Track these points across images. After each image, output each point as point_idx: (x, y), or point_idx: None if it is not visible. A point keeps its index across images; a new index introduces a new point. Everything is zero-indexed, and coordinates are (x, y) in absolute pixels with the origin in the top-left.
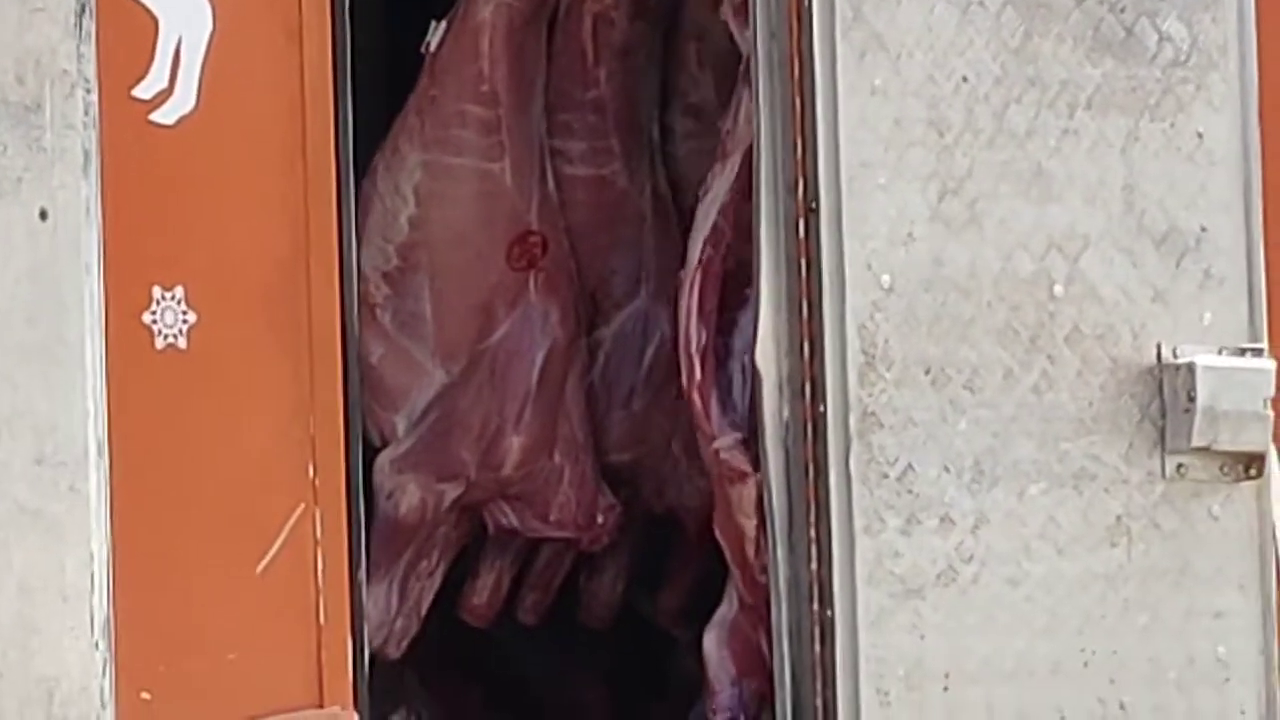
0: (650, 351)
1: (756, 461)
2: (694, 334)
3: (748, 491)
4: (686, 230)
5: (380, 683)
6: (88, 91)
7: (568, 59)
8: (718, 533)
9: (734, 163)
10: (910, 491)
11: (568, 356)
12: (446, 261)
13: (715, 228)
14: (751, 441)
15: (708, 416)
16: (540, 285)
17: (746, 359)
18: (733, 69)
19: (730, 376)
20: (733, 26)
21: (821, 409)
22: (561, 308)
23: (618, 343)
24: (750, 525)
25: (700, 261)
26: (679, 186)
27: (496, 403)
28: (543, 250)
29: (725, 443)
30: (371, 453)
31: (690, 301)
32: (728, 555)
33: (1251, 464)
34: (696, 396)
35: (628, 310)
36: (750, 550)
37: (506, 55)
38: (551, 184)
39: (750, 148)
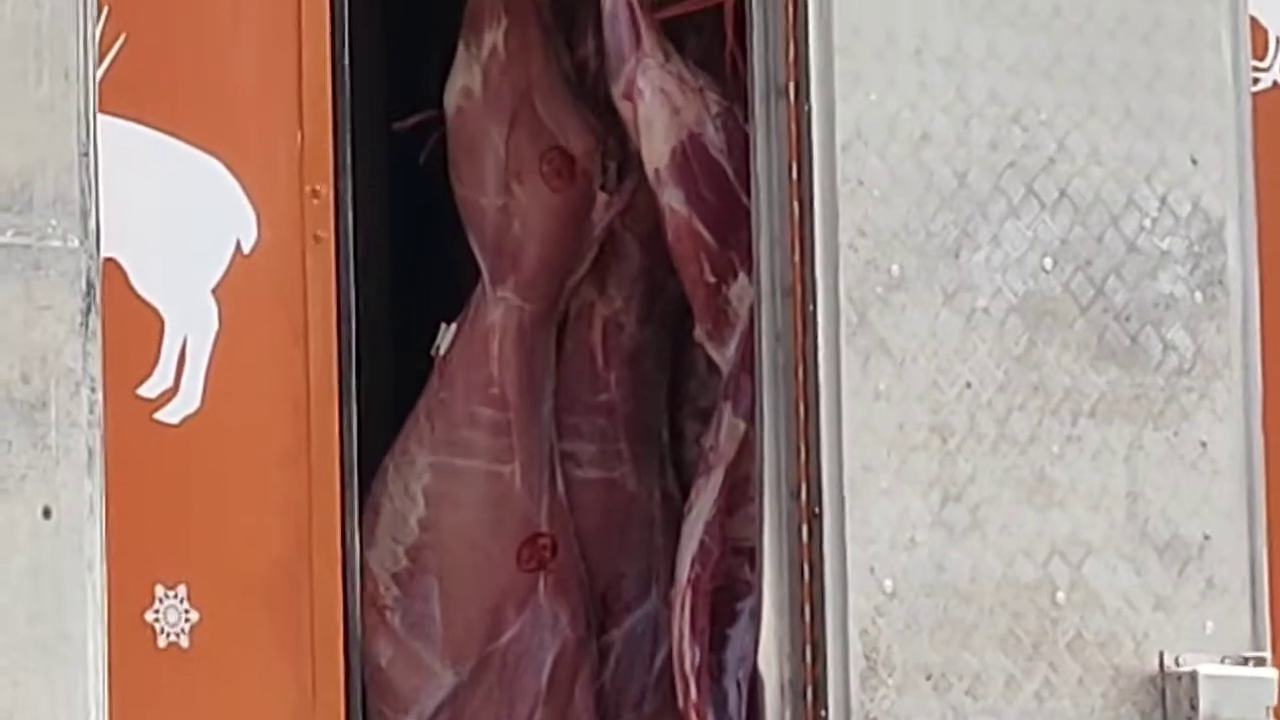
0: (660, 655)
1: None
2: (688, 653)
3: None
4: None
5: None
6: (92, 390)
7: (578, 362)
8: None
9: (716, 478)
10: None
11: (578, 658)
12: (456, 563)
13: (702, 545)
14: None
15: None
16: (550, 587)
17: (741, 675)
18: None
19: (726, 693)
20: (709, 349)
21: (823, 713)
22: (571, 610)
23: (628, 645)
24: None
25: (689, 580)
26: (689, 489)
27: (506, 705)
28: (552, 552)
29: None
30: None
31: (682, 621)
32: None
33: None
34: (693, 715)
35: (638, 613)
36: None
37: (516, 358)
38: (561, 486)
39: (732, 462)
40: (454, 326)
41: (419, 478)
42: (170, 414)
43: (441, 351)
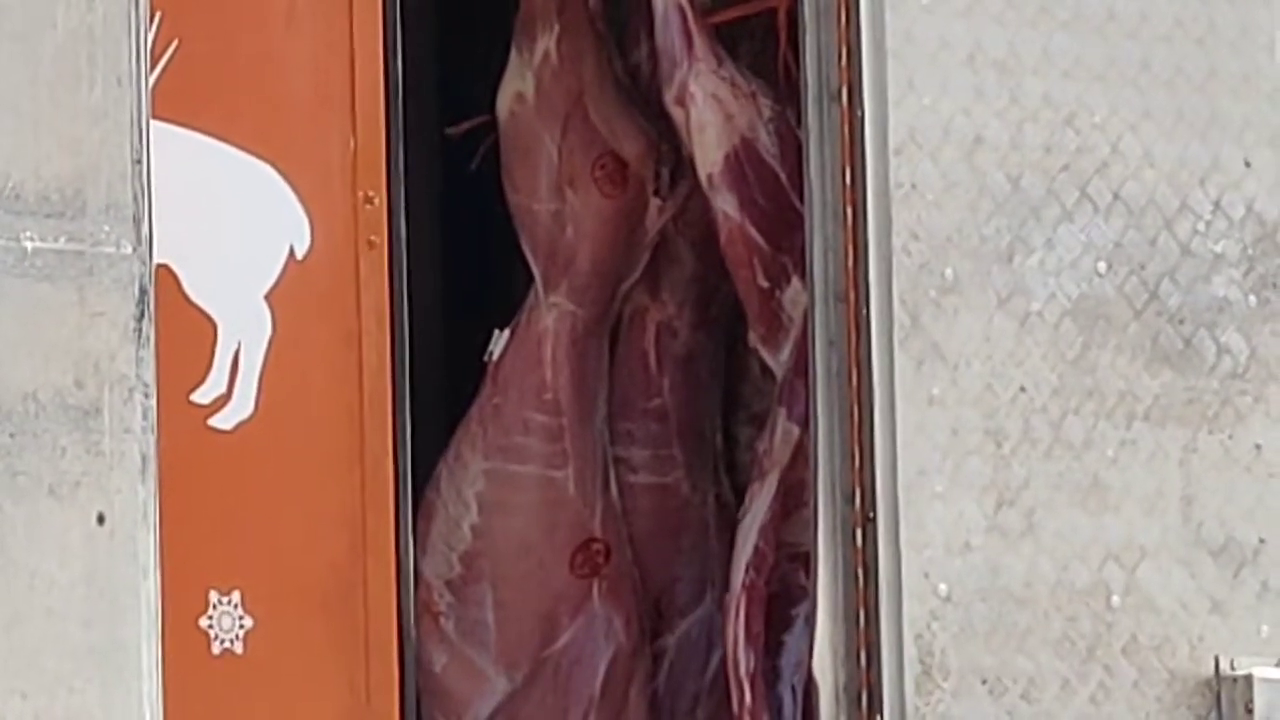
0: (714, 660)
1: None
2: (742, 658)
3: None
4: None
5: None
6: (146, 396)
7: (630, 367)
8: None
9: (771, 482)
10: None
11: (631, 664)
12: (509, 569)
13: (757, 550)
14: None
15: None
16: (603, 593)
17: (796, 681)
18: None
19: (781, 699)
20: (764, 354)
21: (878, 719)
22: (625, 615)
23: (681, 650)
24: None
25: (744, 586)
26: (743, 494)
27: (560, 711)
28: (606, 558)
29: None
30: None
31: (736, 626)
32: None
33: None
34: None
35: (692, 618)
36: None
37: (569, 363)
38: (615, 492)
39: (787, 467)
40: (507, 332)
41: (472, 483)
42: (223, 420)
43: (494, 357)
